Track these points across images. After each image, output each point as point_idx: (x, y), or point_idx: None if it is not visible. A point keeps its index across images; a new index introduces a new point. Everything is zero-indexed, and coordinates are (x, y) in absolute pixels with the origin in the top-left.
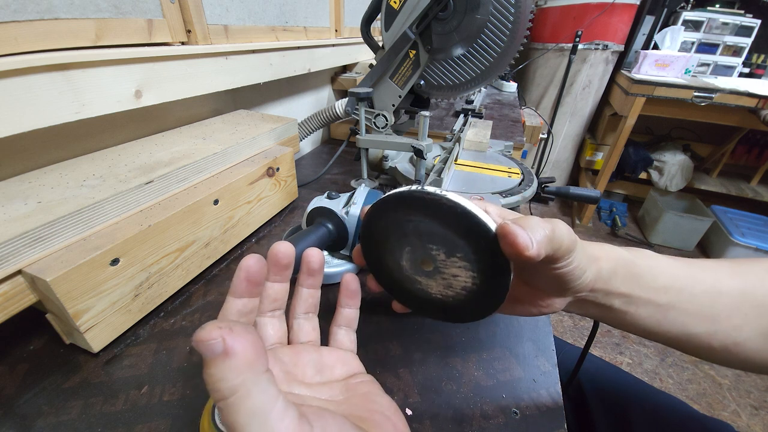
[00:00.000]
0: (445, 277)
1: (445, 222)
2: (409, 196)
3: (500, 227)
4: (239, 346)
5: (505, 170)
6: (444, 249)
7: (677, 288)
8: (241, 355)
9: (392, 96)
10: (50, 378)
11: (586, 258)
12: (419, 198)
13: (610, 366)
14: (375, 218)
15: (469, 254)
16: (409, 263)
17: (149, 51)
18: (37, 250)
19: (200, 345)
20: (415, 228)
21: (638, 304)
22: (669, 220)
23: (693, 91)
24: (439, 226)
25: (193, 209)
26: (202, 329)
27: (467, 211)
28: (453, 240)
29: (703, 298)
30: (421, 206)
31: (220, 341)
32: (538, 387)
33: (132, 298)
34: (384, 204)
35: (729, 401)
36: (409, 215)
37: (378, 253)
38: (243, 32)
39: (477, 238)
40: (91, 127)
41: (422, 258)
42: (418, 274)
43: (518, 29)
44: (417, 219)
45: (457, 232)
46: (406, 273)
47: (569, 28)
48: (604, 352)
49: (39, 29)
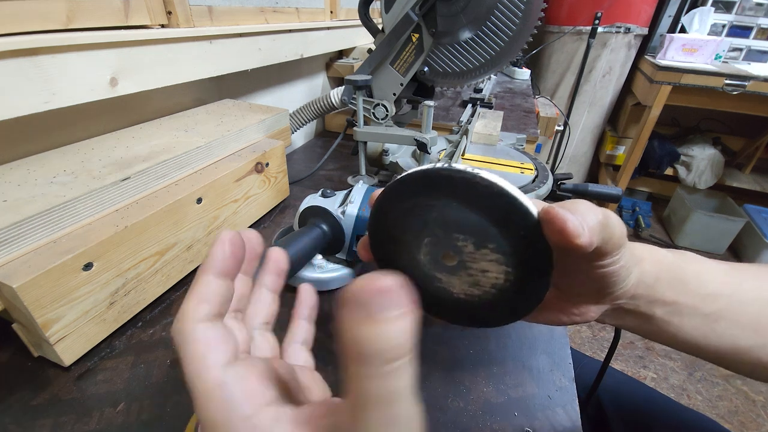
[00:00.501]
0: (472, 273)
1: (477, 206)
2: (435, 174)
3: (545, 211)
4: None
5: (518, 166)
6: (473, 239)
7: (726, 295)
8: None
9: (393, 84)
10: (17, 394)
11: (632, 258)
12: (446, 177)
13: (632, 381)
14: (388, 204)
15: (503, 245)
16: (428, 258)
17: (125, 34)
18: (3, 253)
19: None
20: (440, 215)
21: (683, 313)
22: (697, 220)
23: (724, 79)
24: (470, 212)
25: (174, 209)
26: (365, 279)
27: (505, 191)
28: (485, 228)
29: (754, 307)
30: (448, 187)
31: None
32: (553, 404)
33: (107, 306)
34: (401, 186)
35: (764, 420)
36: (432, 199)
37: (390, 247)
38: (229, 14)
39: (516, 225)
40: (61, 118)
41: (444, 251)
42: (438, 270)
43: (532, 10)
44: (442, 203)
45: (492, 217)
46: (423, 269)
47: (588, 9)
48: (626, 365)
49: (4, 10)
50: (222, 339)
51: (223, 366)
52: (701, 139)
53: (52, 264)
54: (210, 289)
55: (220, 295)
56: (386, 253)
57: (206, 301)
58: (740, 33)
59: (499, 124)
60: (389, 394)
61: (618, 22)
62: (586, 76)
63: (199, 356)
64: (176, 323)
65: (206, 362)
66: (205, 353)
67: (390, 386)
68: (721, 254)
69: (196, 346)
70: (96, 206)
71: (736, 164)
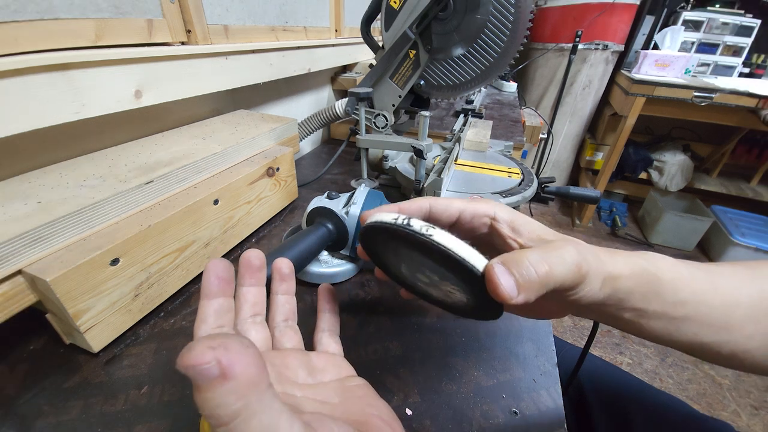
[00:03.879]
0: (442, 290)
1: (433, 258)
2: (393, 230)
3: (486, 271)
4: (239, 366)
5: (505, 170)
6: (435, 275)
7: (696, 301)
8: (242, 375)
9: (392, 96)
10: (50, 378)
11: (601, 281)
12: (403, 235)
13: (610, 366)
14: (368, 237)
15: (459, 284)
16: (407, 272)
17: (149, 51)
18: (37, 250)
19: (190, 370)
20: (407, 255)
21: (651, 317)
22: (669, 220)
23: (693, 91)
24: (429, 259)
25: (193, 209)
26: (189, 350)
27: (453, 255)
28: (443, 271)
29: (720, 310)
30: (408, 242)
31: (215, 364)
32: (538, 387)
33: (132, 298)
34: (373, 230)
35: (729, 401)
36: (399, 245)
37: (378, 258)
38: (243, 32)
39: (465, 277)
40: (91, 127)
41: (418, 273)
42: (417, 281)
43: (518, 29)
44: (407, 249)
45: (446, 267)
46: (407, 276)
47: (569, 28)
48: (604, 352)
49: (39, 29)
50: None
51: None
52: (672, 146)
53: (82, 260)
54: (203, 311)
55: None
56: (377, 260)
57: (202, 321)
58: (708, 50)
59: (488, 132)
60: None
61: (597, 39)
62: (568, 89)
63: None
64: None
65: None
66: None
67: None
68: (691, 251)
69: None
70: (122, 207)
71: (704, 169)
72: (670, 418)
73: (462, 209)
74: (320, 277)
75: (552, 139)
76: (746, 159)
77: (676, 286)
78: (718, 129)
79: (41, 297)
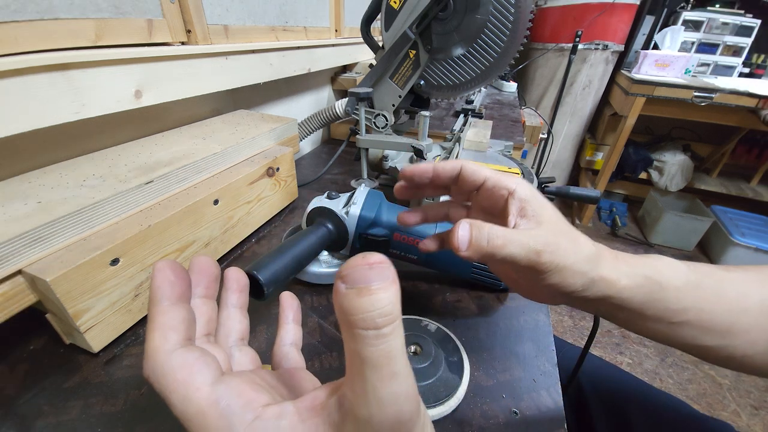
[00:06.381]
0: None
1: None
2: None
3: (456, 222)
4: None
5: (505, 170)
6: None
7: (697, 309)
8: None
9: (392, 96)
10: (50, 378)
11: (588, 281)
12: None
13: (610, 366)
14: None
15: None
16: None
17: (149, 51)
18: (37, 250)
19: (373, 269)
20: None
21: (649, 320)
22: (669, 220)
23: (693, 91)
24: None
25: (192, 209)
26: (360, 259)
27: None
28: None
29: (723, 317)
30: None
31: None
32: (538, 387)
33: (132, 298)
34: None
35: (729, 401)
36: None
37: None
38: (243, 32)
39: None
40: (91, 127)
41: None
42: None
43: (518, 29)
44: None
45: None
46: None
47: (569, 28)
48: (605, 352)
49: (39, 29)
50: (202, 359)
51: (212, 384)
52: (672, 146)
53: (82, 260)
54: (170, 317)
55: (182, 319)
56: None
57: (171, 329)
58: (708, 50)
59: (488, 132)
60: (388, 353)
61: (597, 39)
62: (568, 89)
63: (183, 382)
64: (148, 361)
65: (193, 385)
66: (189, 378)
67: (387, 347)
68: (691, 251)
69: (178, 374)
70: (122, 207)
71: (704, 169)
72: (670, 418)
73: (488, 177)
74: (320, 277)
75: (552, 139)
76: (746, 159)
77: (679, 296)
78: (718, 129)
79: (41, 297)
